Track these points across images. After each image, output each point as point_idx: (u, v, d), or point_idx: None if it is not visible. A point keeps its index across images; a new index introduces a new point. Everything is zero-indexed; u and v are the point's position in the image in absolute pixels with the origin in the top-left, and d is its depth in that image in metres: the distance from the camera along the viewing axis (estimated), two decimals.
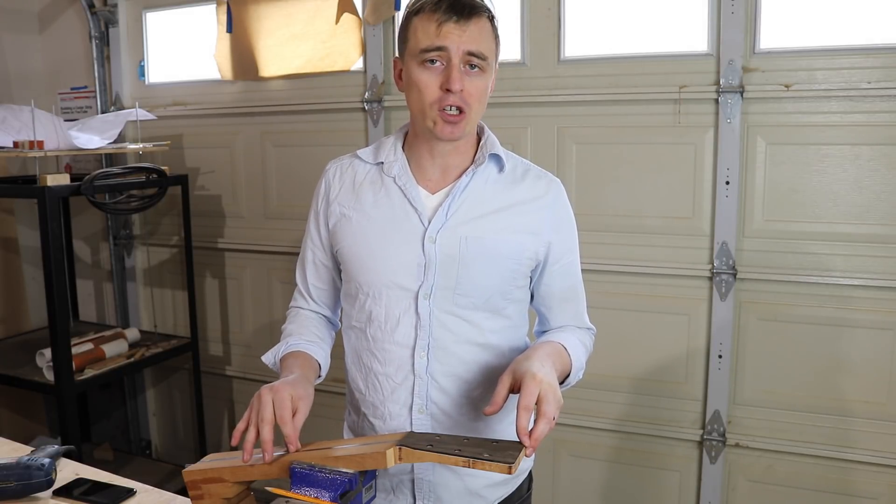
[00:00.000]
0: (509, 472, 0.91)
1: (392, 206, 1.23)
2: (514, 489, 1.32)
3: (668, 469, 2.29)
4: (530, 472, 1.38)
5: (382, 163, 1.26)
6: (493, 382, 1.19)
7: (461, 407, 1.23)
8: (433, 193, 1.23)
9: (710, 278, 2.14)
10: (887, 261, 1.97)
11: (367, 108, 2.51)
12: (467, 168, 1.23)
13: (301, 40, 2.58)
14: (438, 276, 1.19)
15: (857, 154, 1.97)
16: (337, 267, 1.33)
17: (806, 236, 2.05)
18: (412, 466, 1.24)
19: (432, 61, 1.13)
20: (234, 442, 1.05)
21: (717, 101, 2.06)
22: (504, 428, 1.24)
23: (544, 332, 1.33)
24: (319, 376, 1.28)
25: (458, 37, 1.11)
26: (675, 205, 2.17)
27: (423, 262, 1.19)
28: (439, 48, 1.12)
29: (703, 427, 2.21)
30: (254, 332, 2.89)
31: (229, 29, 2.67)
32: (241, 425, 1.05)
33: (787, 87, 2.00)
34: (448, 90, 1.12)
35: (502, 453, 0.93)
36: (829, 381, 2.07)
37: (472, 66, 1.14)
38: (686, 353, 2.21)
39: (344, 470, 0.95)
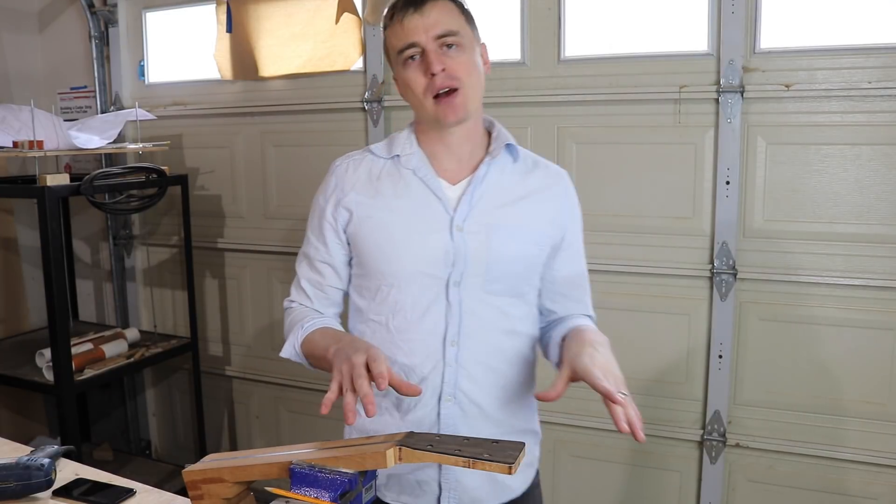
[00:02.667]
0: (509, 472, 0.91)
1: (414, 197, 1.24)
2: (531, 478, 1.35)
3: (668, 469, 2.29)
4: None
5: (398, 156, 1.27)
6: (519, 369, 1.27)
7: (488, 395, 1.24)
8: (453, 184, 1.25)
9: (711, 278, 2.14)
10: (887, 261, 1.97)
11: (367, 107, 2.51)
12: (483, 159, 1.26)
13: (301, 40, 2.58)
14: (468, 264, 1.20)
15: (857, 154, 1.97)
16: (342, 263, 1.31)
17: (806, 236, 2.05)
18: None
19: (412, 58, 1.18)
20: (324, 411, 1.01)
21: (717, 100, 2.06)
22: (524, 415, 1.28)
23: (551, 322, 1.34)
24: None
25: (422, 26, 1.16)
26: (675, 205, 2.16)
27: (452, 250, 1.20)
28: (410, 45, 1.17)
29: (704, 427, 2.21)
30: (254, 332, 2.89)
31: (229, 29, 2.67)
32: (332, 395, 1.03)
33: (787, 86, 2.00)
34: (432, 74, 1.16)
35: (502, 453, 0.93)
36: (829, 381, 2.07)
37: (449, 46, 1.17)
38: (686, 353, 2.21)
39: (344, 470, 0.95)
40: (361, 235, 1.26)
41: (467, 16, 1.23)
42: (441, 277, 1.21)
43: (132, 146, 2.59)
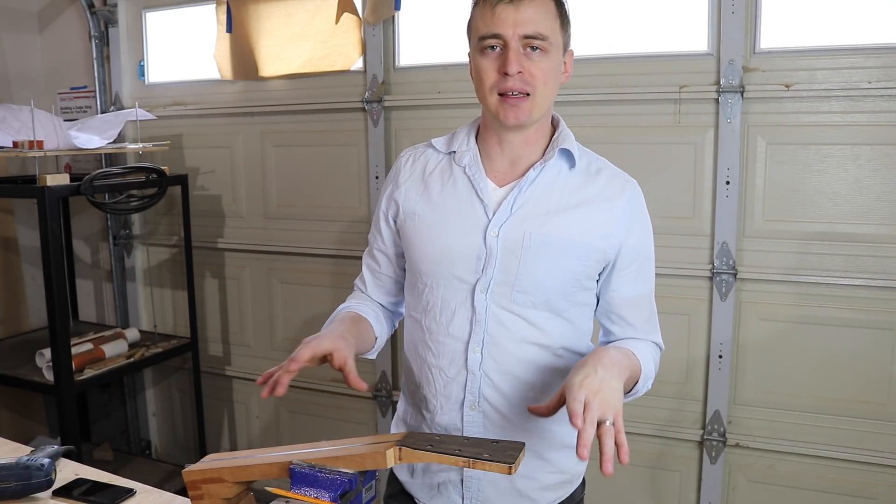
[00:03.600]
0: (509, 472, 0.91)
1: (458, 196, 1.21)
2: (567, 495, 1.30)
3: (668, 469, 2.29)
4: (583, 478, 1.35)
5: (454, 152, 1.24)
6: (549, 384, 1.19)
7: (515, 406, 1.20)
8: (501, 186, 1.20)
9: (711, 278, 2.14)
10: (887, 261, 1.97)
11: (367, 108, 2.50)
12: (536, 162, 1.20)
13: (301, 40, 2.58)
14: (497, 271, 1.16)
15: (857, 154, 1.97)
16: (396, 254, 1.32)
17: (806, 236, 2.05)
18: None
19: (492, 47, 1.12)
20: (259, 381, 1.08)
21: (717, 100, 2.06)
22: (559, 430, 1.23)
23: (609, 343, 1.27)
24: (376, 338, 1.28)
25: (512, 20, 1.09)
26: (675, 205, 2.16)
27: (484, 255, 1.17)
28: (494, 35, 1.11)
29: (704, 427, 2.21)
30: (254, 332, 2.89)
31: (229, 29, 2.67)
32: (272, 370, 1.08)
33: (787, 86, 2.00)
34: (506, 73, 1.10)
35: (502, 453, 0.93)
36: (829, 381, 2.07)
37: (533, 48, 1.11)
38: (686, 352, 2.21)
39: (344, 470, 0.95)
40: (404, 230, 1.25)
41: (563, 19, 1.16)
42: (469, 281, 1.18)
43: (132, 146, 2.59)
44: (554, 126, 1.25)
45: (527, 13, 1.09)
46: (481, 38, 1.12)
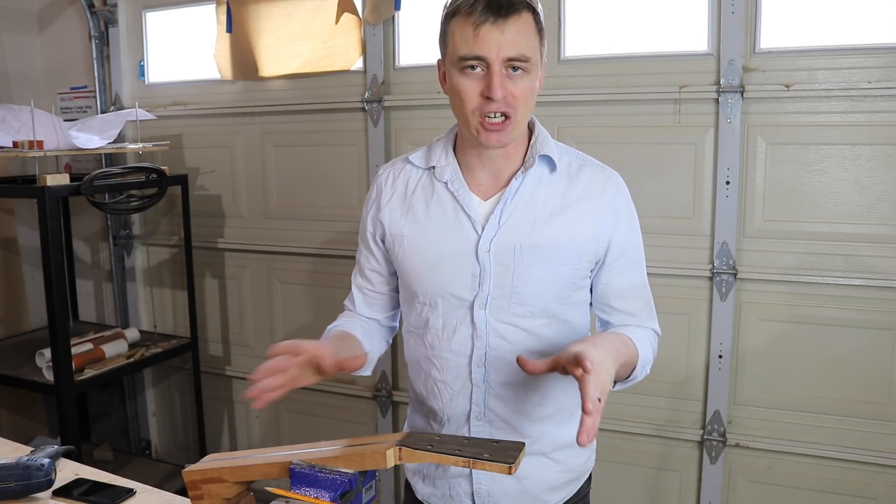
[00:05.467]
0: (509, 472, 0.91)
1: (444, 213, 1.20)
2: (573, 492, 1.31)
3: (668, 469, 2.29)
4: (590, 474, 1.36)
5: (434, 167, 1.23)
6: (552, 388, 1.21)
7: (520, 414, 1.22)
8: (485, 200, 1.20)
9: (711, 278, 2.14)
10: (887, 261, 1.97)
11: (367, 108, 2.50)
12: (517, 170, 1.19)
13: (301, 40, 2.58)
14: (493, 286, 1.17)
15: (857, 154, 1.97)
16: (389, 272, 1.32)
17: (806, 236, 2.05)
18: (470, 470, 1.23)
19: (472, 67, 1.09)
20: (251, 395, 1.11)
21: (717, 100, 2.06)
22: (564, 430, 1.23)
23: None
24: (366, 353, 1.25)
25: (496, 42, 1.05)
26: (675, 205, 2.16)
27: (478, 272, 1.17)
28: (477, 57, 1.07)
29: (704, 427, 2.21)
30: (254, 332, 2.89)
31: (229, 29, 2.67)
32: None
33: (787, 86, 2.00)
34: (489, 98, 1.08)
35: (502, 453, 0.93)
36: (829, 381, 2.07)
37: (515, 69, 1.08)
38: (686, 353, 2.21)
39: (344, 470, 0.95)
40: (394, 252, 1.25)
41: (541, 33, 1.12)
42: (467, 299, 1.18)
43: (132, 146, 2.59)
44: (530, 129, 1.22)
45: (510, 34, 1.06)
46: (462, 59, 1.08)
